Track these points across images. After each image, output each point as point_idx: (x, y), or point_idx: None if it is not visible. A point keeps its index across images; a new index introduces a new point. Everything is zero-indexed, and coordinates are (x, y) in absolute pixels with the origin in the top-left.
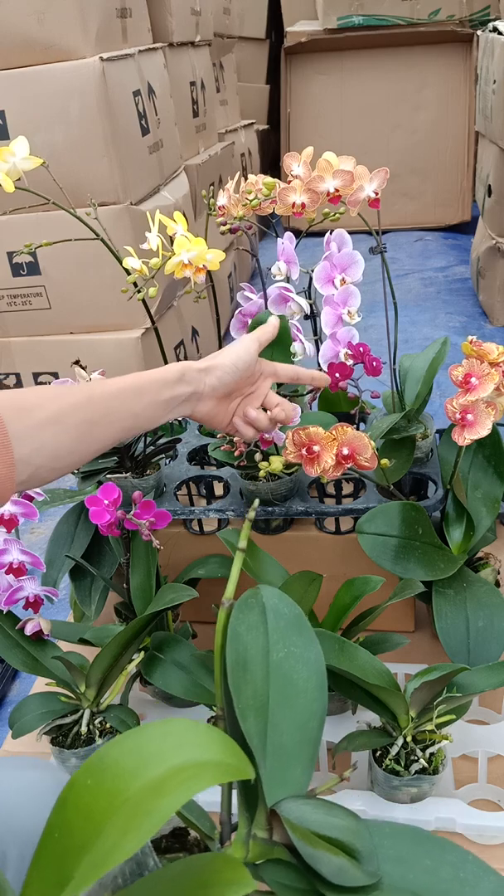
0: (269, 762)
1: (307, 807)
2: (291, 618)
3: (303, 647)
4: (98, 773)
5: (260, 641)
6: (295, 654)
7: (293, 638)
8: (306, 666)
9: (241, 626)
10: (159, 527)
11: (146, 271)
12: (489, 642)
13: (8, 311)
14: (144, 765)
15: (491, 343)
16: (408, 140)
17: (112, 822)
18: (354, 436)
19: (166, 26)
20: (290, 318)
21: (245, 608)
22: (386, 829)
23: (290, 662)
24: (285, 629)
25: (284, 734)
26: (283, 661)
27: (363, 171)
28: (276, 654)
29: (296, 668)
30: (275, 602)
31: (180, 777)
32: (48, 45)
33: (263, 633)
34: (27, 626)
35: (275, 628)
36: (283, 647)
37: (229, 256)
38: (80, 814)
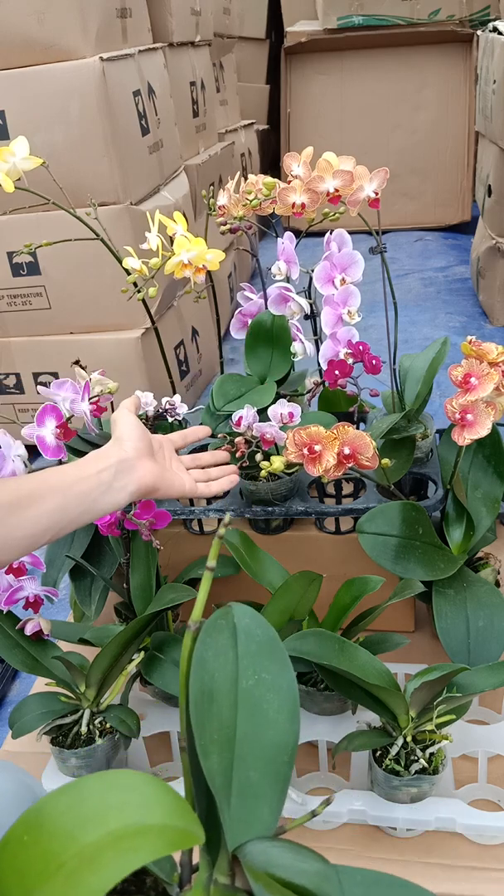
0: (233, 802)
1: (274, 849)
2: (264, 640)
3: (275, 674)
4: (35, 830)
5: (228, 668)
6: (266, 681)
7: (265, 663)
8: (278, 695)
9: (208, 652)
10: (159, 527)
11: (146, 271)
12: (489, 642)
13: (8, 311)
14: (82, 826)
15: (490, 343)
16: (408, 140)
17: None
18: (356, 435)
19: (166, 26)
20: (290, 318)
21: (214, 631)
22: (357, 876)
23: (261, 690)
24: (257, 653)
25: (252, 770)
26: (252, 689)
27: (363, 171)
28: (245, 682)
29: (266, 697)
30: (247, 623)
31: (119, 847)
32: (48, 45)
33: (233, 659)
34: (27, 626)
35: (245, 652)
36: (253, 674)
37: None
38: (14, 873)
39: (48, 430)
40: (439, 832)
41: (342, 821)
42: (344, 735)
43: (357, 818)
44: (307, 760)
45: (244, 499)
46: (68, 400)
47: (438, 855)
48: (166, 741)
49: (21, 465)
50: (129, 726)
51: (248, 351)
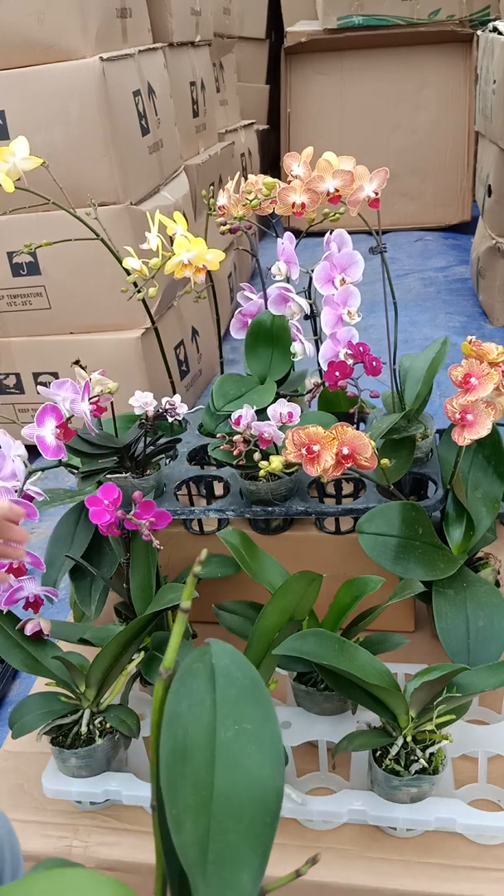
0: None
1: None
2: (246, 684)
3: (257, 723)
4: None
5: (205, 718)
6: (247, 731)
7: (246, 710)
8: (260, 747)
9: (181, 704)
10: (159, 527)
11: (146, 271)
12: (489, 642)
13: (8, 311)
14: None
15: (490, 343)
16: (408, 140)
17: None
18: (354, 435)
19: (166, 26)
20: (290, 319)
21: (189, 677)
22: None
23: (242, 743)
24: (237, 699)
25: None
26: (232, 742)
27: (363, 171)
28: (224, 733)
29: (247, 750)
30: (226, 664)
31: None
32: (48, 45)
33: (210, 707)
34: (27, 626)
35: (224, 699)
36: (233, 724)
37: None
38: None
39: (48, 430)
40: (439, 832)
41: (342, 821)
42: (344, 735)
43: (357, 818)
44: (307, 760)
45: (244, 499)
46: (68, 400)
47: (438, 855)
48: None
49: (21, 465)
50: (129, 726)
51: (248, 351)
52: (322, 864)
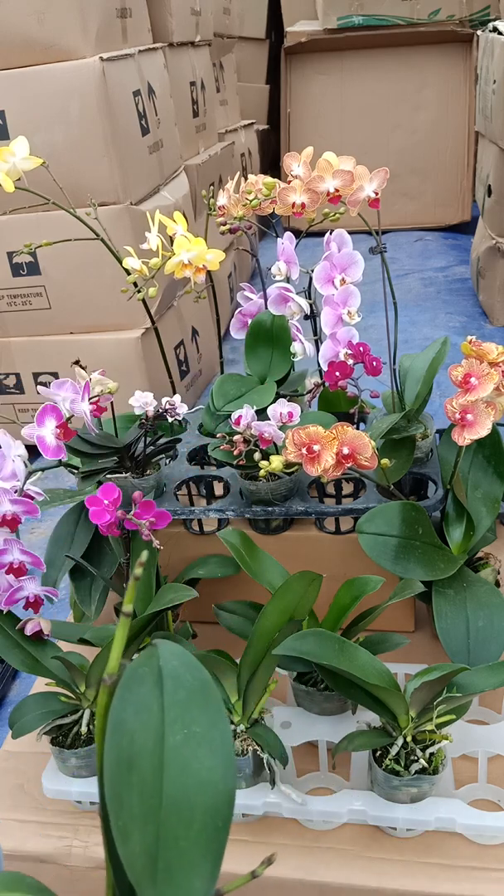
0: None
1: None
2: (195, 686)
3: (207, 726)
4: None
5: (152, 724)
6: (197, 735)
7: (195, 714)
8: (211, 750)
9: (127, 710)
10: (159, 527)
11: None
12: (489, 642)
13: (8, 311)
14: None
15: (490, 343)
16: (408, 140)
17: None
18: (355, 435)
19: (166, 26)
20: (290, 319)
21: (135, 682)
22: None
23: (191, 747)
24: (186, 702)
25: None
26: (181, 747)
27: (363, 171)
28: (172, 738)
29: (197, 755)
30: (174, 665)
31: None
32: (48, 45)
33: (158, 712)
34: (27, 626)
35: (173, 702)
36: (181, 728)
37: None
38: None
39: (48, 431)
40: (439, 832)
41: (342, 821)
42: (344, 735)
43: (357, 818)
44: (307, 760)
45: (244, 499)
46: (68, 400)
47: (438, 855)
48: None
49: (21, 466)
50: None
51: (248, 351)
52: (322, 864)
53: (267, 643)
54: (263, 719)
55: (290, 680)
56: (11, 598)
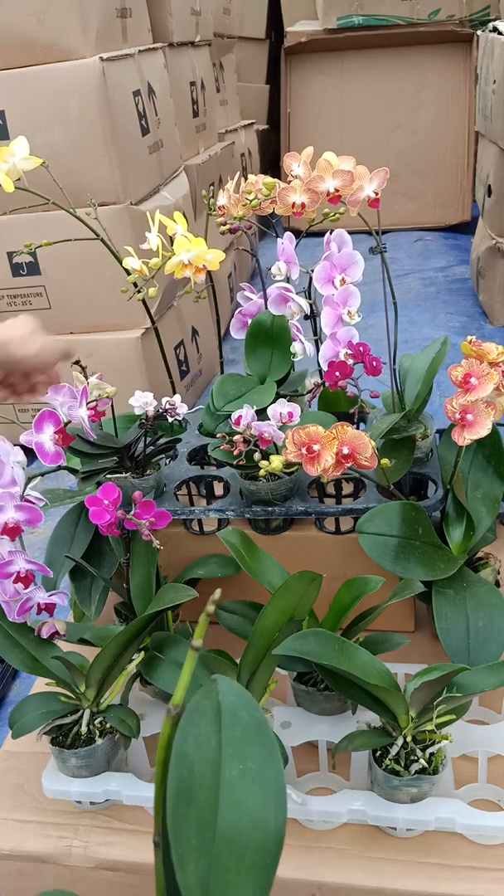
0: None
1: None
2: (251, 724)
3: (261, 763)
4: None
5: (210, 758)
6: (252, 771)
7: (251, 750)
8: (264, 788)
9: (188, 743)
10: (159, 527)
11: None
12: (489, 642)
13: (8, 311)
14: None
15: (490, 343)
16: (408, 140)
17: None
18: (354, 435)
19: (166, 26)
20: (290, 319)
21: (196, 716)
22: None
23: (246, 783)
24: (242, 739)
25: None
26: (236, 782)
27: (363, 171)
28: (228, 773)
29: (251, 791)
30: (232, 702)
31: None
32: (48, 45)
33: (216, 746)
34: (42, 629)
35: (230, 738)
36: (237, 763)
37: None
38: None
39: (46, 437)
40: (439, 832)
41: (342, 821)
42: (344, 735)
43: (357, 818)
44: (307, 760)
45: (244, 499)
46: (66, 405)
47: (438, 855)
48: None
49: (20, 472)
50: (129, 726)
51: (247, 351)
52: (322, 864)
53: (267, 643)
54: None
55: (290, 680)
56: (23, 608)
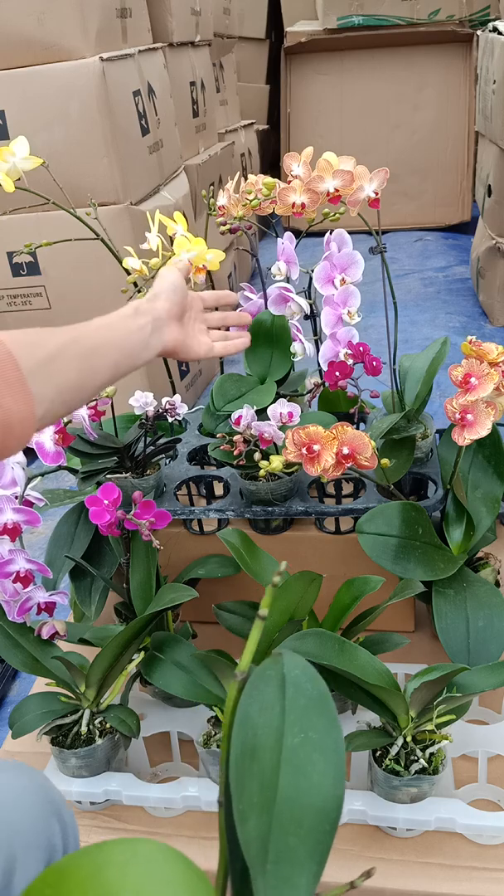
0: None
1: None
2: (315, 695)
3: (322, 732)
4: (56, 889)
5: (274, 723)
6: (313, 740)
7: (313, 720)
8: (324, 756)
9: (252, 707)
10: (159, 527)
11: (146, 271)
12: (489, 642)
13: (8, 311)
14: None
15: (490, 343)
16: (408, 140)
17: None
18: (354, 435)
19: (166, 26)
20: (290, 318)
21: (261, 682)
22: None
23: (307, 750)
24: (305, 708)
25: (291, 837)
26: (298, 749)
27: (363, 171)
28: (291, 739)
29: (312, 758)
30: (297, 674)
31: None
32: (48, 45)
33: (279, 713)
34: (43, 630)
35: (293, 707)
36: (300, 731)
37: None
38: None
39: (47, 437)
40: (439, 832)
41: (342, 821)
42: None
43: (357, 818)
44: None
45: (244, 499)
46: None
47: (438, 855)
48: (166, 741)
49: (20, 472)
50: (129, 726)
51: (247, 351)
52: None
53: (267, 643)
54: None
55: None
56: (23, 608)
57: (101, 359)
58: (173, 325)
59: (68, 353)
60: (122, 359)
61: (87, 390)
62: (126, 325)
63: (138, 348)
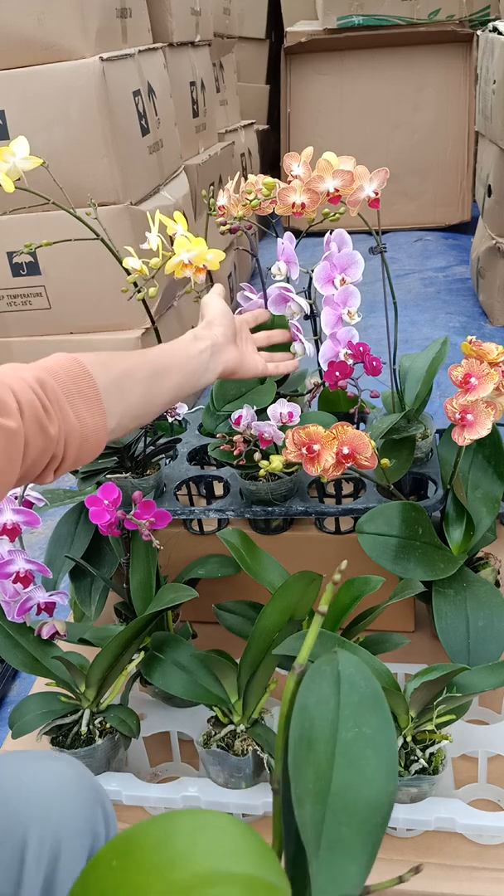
0: (322, 856)
1: None
2: (368, 693)
3: (376, 729)
4: (123, 857)
5: (329, 716)
6: (366, 735)
7: (367, 716)
8: (377, 751)
9: (309, 699)
10: (159, 527)
11: (146, 271)
12: (489, 642)
13: (8, 311)
14: (170, 863)
15: (490, 343)
16: (408, 140)
17: None
18: (355, 435)
19: (166, 26)
20: (290, 319)
21: (317, 677)
22: None
23: (360, 745)
24: (359, 705)
25: (343, 827)
26: (352, 743)
27: (363, 171)
28: (345, 733)
29: (365, 753)
30: (351, 672)
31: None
32: (48, 45)
33: (334, 708)
34: (43, 630)
35: (347, 703)
36: (353, 726)
37: (229, 256)
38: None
39: None
40: (439, 832)
41: None
42: None
43: None
44: None
45: (244, 499)
46: None
47: (438, 855)
48: (166, 741)
49: None
50: (129, 726)
51: None
52: None
53: (267, 643)
54: (263, 719)
55: None
56: (23, 608)
57: (166, 379)
58: (230, 347)
59: (137, 374)
60: (184, 380)
61: (153, 407)
62: (187, 351)
63: (199, 371)
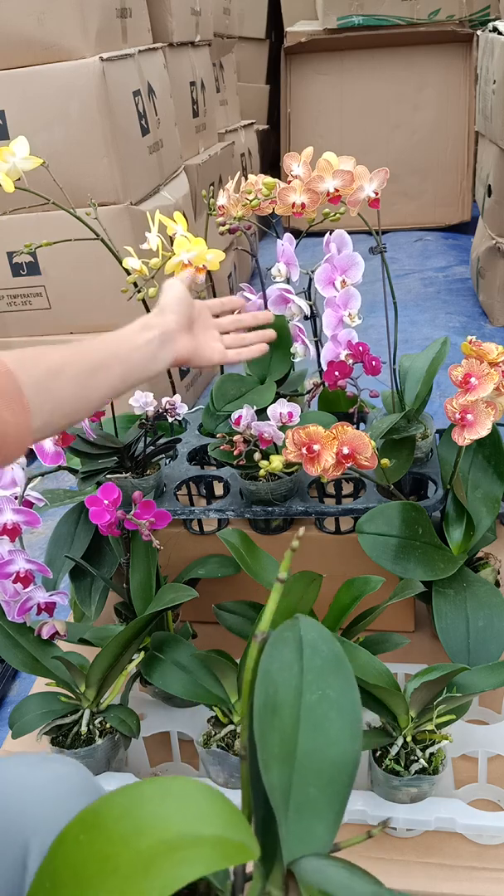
0: (291, 817)
1: (329, 868)
2: (330, 656)
3: (339, 691)
4: (91, 831)
5: (293, 682)
6: (330, 698)
7: (329, 679)
8: (341, 713)
9: (273, 665)
10: (159, 527)
11: (146, 271)
12: (489, 642)
13: (8, 311)
14: (138, 832)
15: (490, 343)
16: (408, 140)
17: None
18: (355, 435)
19: (166, 26)
20: (290, 319)
21: (279, 643)
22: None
23: (324, 708)
24: (322, 668)
25: (310, 787)
26: (315, 706)
27: (363, 171)
28: (309, 696)
29: (329, 715)
30: (313, 637)
31: (173, 857)
32: (48, 45)
33: (297, 673)
34: (43, 630)
35: (310, 667)
36: (317, 689)
37: (229, 256)
38: (70, 871)
39: None
40: (439, 832)
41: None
42: None
43: (357, 818)
44: None
45: (244, 499)
46: None
47: (438, 855)
48: (166, 741)
49: (20, 472)
50: (129, 726)
51: None
52: None
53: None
54: None
55: None
56: (23, 608)
57: (105, 373)
58: (183, 335)
59: (69, 370)
60: (128, 372)
61: (90, 402)
62: (133, 340)
63: (146, 361)
